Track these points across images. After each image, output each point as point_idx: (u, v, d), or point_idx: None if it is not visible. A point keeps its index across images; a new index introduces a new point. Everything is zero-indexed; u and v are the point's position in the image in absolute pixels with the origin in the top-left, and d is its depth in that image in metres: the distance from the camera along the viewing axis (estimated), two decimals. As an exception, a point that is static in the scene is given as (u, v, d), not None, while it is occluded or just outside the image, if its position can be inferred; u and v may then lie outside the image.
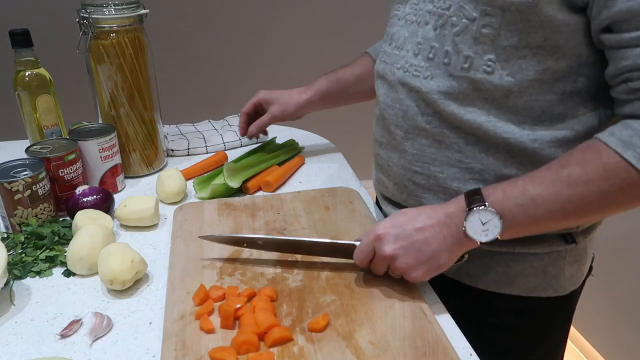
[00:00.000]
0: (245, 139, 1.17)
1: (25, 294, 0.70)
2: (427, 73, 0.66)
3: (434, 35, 0.65)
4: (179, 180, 0.92)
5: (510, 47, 0.60)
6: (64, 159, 0.85)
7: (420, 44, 0.67)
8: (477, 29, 0.61)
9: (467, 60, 0.63)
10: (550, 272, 0.72)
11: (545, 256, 0.71)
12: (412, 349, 0.57)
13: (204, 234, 0.79)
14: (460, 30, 0.62)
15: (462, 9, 0.61)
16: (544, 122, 0.64)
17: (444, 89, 0.65)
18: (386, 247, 0.62)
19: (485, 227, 0.59)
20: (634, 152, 0.54)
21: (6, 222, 0.81)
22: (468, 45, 0.62)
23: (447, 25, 0.63)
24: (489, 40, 0.61)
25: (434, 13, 0.65)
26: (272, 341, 0.57)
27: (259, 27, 2.22)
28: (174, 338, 0.59)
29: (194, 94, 2.24)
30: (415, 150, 0.71)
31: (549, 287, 0.73)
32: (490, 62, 0.62)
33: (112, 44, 0.92)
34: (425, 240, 0.61)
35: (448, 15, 0.63)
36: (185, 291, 0.66)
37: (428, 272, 0.62)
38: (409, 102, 0.69)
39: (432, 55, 0.66)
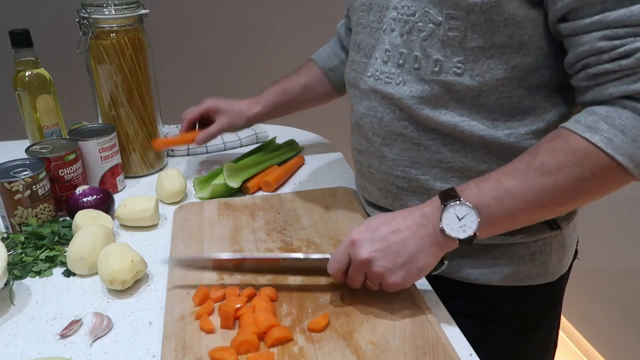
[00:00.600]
0: (245, 139, 1.17)
1: (25, 294, 0.70)
2: (399, 79, 0.67)
3: (402, 41, 0.66)
4: (179, 180, 0.92)
5: (477, 48, 0.61)
6: (64, 159, 0.85)
7: (389, 51, 0.67)
8: (444, 33, 0.61)
9: (437, 64, 0.63)
10: (538, 259, 0.73)
11: (532, 244, 0.72)
12: (412, 349, 0.57)
13: (204, 234, 0.79)
14: (427, 35, 0.63)
15: (427, 14, 0.62)
16: (515, 116, 0.65)
17: (417, 93, 0.66)
18: (361, 251, 0.60)
19: (462, 222, 0.58)
20: (601, 136, 0.54)
21: (6, 222, 0.81)
22: (436, 49, 0.63)
23: (413, 30, 0.64)
24: (456, 43, 0.61)
25: (399, 20, 0.65)
26: (272, 341, 0.57)
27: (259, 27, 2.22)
28: (174, 338, 0.59)
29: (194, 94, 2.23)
30: (394, 155, 0.71)
31: (538, 275, 0.74)
32: (459, 64, 0.62)
33: (112, 44, 0.92)
34: (403, 242, 0.59)
35: (414, 20, 0.63)
36: (185, 291, 0.66)
37: (407, 276, 0.60)
38: (383, 109, 0.70)
39: (402, 62, 0.66)
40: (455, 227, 0.58)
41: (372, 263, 0.60)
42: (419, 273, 0.61)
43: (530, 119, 0.65)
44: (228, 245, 0.76)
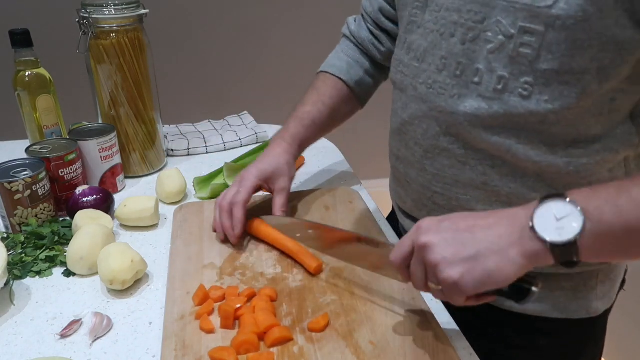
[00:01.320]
0: (245, 139, 1.17)
1: (25, 294, 0.70)
2: (454, 92, 0.60)
3: (462, 49, 0.59)
4: (179, 180, 0.92)
5: (551, 72, 0.53)
6: (64, 159, 0.85)
7: (445, 59, 0.61)
8: (514, 48, 0.54)
9: (501, 82, 0.56)
10: (581, 291, 0.67)
11: (576, 276, 0.66)
12: (412, 349, 0.57)
13: (204, 234, 0.79)
14: (495, 48, 0.55)
15: (498, 23, 0.54)
16: (579, 144, 0.58)
17: (472, 110, 0.58)
18: (423, 236, 0.51)
19: (561, 223, 0.45)
20: None
21: (6, 222, 0.80)
22: (503, 65, 0.55)
23: (479, 40, 0.57)
24: (526, 61, 0.54)
25: (462, 25, 0.58)
26: (272, 341, 0.57)
27: (259, 27, 2.22)
28: (174, 338, 0.59)
29: (194, 94, 2.24)
30: (435, 170, 0.66)
31: (579, 309, 0.68)
32: (526, 85, 0.55)
33: (112, 44, 0.92)
34: (474, 235, 0.49)
35: (481, 29, 0.56)
36: (185, 291, 0.66)
37: (467, 274, 0.48)
38: (430, 121, 0.64)
39: (459, 73, 0.59)
40: (550, 227, 0.45)
41: (431, 249, 0.50)
42: (486, 277, 0.48)
43: (595, 147, 0.58)
44: (228, 245, 0.76)
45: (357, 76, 0.85)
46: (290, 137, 0.82)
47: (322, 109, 0.84)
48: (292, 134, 0.83)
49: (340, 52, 0.88)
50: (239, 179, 0.78)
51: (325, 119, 0.84)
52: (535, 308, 0.68)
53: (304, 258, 0.70)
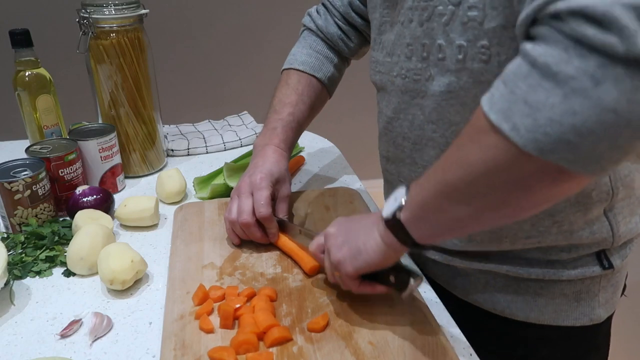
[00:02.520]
0: (245, 139, 1.17)
1: (25, 294, 0.70)
2: (427, 74, 0.60)
3: (422, 31, 0.59)
4: (179, 180, 0.92)
5: (500, 28, 0.53)
6: (64, 159, 0.85)
7: (411, 45, 0.61)
8: (464, 13, 0.54)
9: (461, 51, 0.56)
10: (583, 298, 0.66)
11: (579, 282, 0.65)
12: (411, 349, 0.57)
13: (204, 234, 0.79)
14: (448, 19, 0.56)
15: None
16: None
17: (444, 87, 0.59)
18: (329, 228, 0.62)
19: (394, 203, 0.53)
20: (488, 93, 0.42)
21: (6, 222, 0.81)
22: (459, 34, 0.55)
23: (434, 16, 0.57)
24: (477, 24, 0.54)
25: (416, 8, 0.59)
26: (271, 341, 0.57)
27: (259, 27, 2.22)
28: (174, 338, 0.59)
29: (194, 94, 2.24)
30: (424, 162, 0.66)
31: (582, 316, 0.67)
32: (483, 49, 0.54)
33: (112, 44, 0.92)
34: (359, 223, 0.60)
35: (432, 5, 0.57)
36: (185, 291, 0.67)
37: (347, 252, 0.58)
38: (414, 110, 0.64)
39: (425, 54, 0.59)
40: (388, 208, 0.54)
41: (328, 237, 0.61)
42: (357, 253, 0.57)
43: None
44: (228, 245, 0.76)
45: (328, 72, 0.86)
46: (283, 143, 0.81)
47: (303, 108, 0.84)
48: (283, 139, 0.81)
49: (308, 48, 0.87)
50: (248, 190, 0.74)
51: (305, 118, 0.85)
52: (537, 316, 0.67)
53: (302, 257, 0.70)
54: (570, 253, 0.64)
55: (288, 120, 0.82)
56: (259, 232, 0.73)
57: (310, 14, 0.90)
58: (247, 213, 0.72)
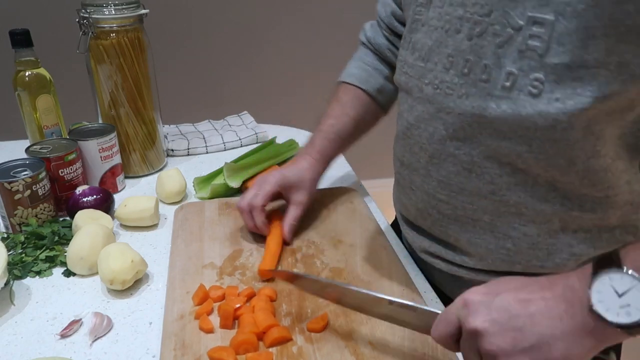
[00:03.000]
0: (245, 139, 1.17)
1: (25, 294, 0.70)
2: (462, 91, 0.56)
3: (469, 45, 0.55)
4: (179, 180, 0.92)
5: (562, 66, 0.48)
6: (64, 159, 0.85)
7: (452, 57, 0.57)
8: (523, 41, 0.50)
9: (510, 78, 0.52)
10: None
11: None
12: (411, 349, 0.57)
13: (204, 234, 0.79)
14: (503, 42, 0.52)
15: (506, 15, 0.51)
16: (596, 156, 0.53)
17: (479, 111, 0.55)
18: (472, 318, 0.45)
19: (624, 299, 0.40)
20: None
21: (6, 222, 0.81)
22: (512, 60, 0.51)
23: (486, 34, 0.53)
24: (536, 55, 0.50)
25: (468, 19, 0.55)
26: (271, 341, 0.57)
27: (259, 27, 2.22)
28: (173, 338, 0.59)
29: (194, 94, 2.24)
30: (440, 176, 0.63)
31: None
32: (537, 82, 0.50)
33: (112, 44, 0.92)
34: (531, 317, 0.43)
35: (488, 22, 0.53)
36: (185, 290, 0.67)
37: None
38: (437, 123, 0.60)
39: (467, 70, 0.56)
40: (613, 306, 0.41)
41: (484, 337, 0.44)
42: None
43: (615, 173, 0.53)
44: (228, 245, 0.76)
45: (377, 84, 0.84)
46: (317, 153, 0.81)
47: (346, 120, 0.82)
48: (318, 149, 0.81)
49: (358, 61, 0.86)
50: (260, 182, 0.78)
51: (349, 130, 0.83)
52: None
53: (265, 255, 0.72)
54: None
55: (327, 132, 0.82)
56: (251, 221, 0.76)
57: (364, 27, 0.88)
58: (245, 201, 0.76)
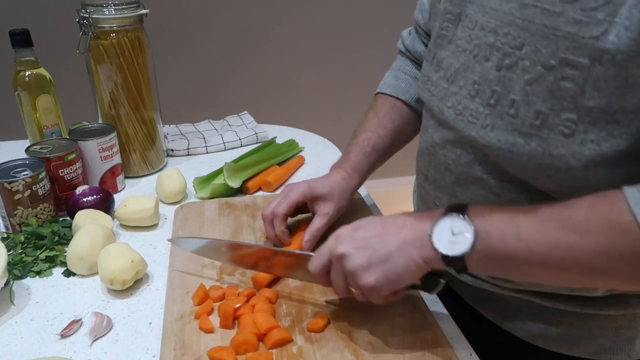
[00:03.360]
0: (245, 139, 1.17)
1: (25, 294, 0.70)
2: (487, 122, 0.53)
3: (497, 76, 0.52)
4: (179, 180, 0.92)
5: (598, 110, 0.45)
6: (64, 159, 0.85)
7: (478, 84, 0.54)
8: (555, 81, 0.47)
9: (539, 117, 0.49)
10: (623, 334, 0.62)
11: (619, 317, 0.61)
12: (411, 350, 0.57)
13: (204, 233, 0.79)
14: (532, 79, 0.49)
15: (537, 52, 0.48)
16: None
17: (507, 146, 0.52)
18: (339, 246, 0.54)
19: (455, 238, 0.49)
20: None
21: (6, 222, 0.81)
22: (542, 99, 0.48)
23: (516, 68, 0.50)
24: (569, 97, 0.47)
25: (499, 49, 0.52)
26: (272, 343, 0.57)
27: (259, 26, 2.22)
28: (173, 337, 0.59)
29: (194, 94, 2.24)
30: (468, 198, 0.60)
31: (620, 351, 0.63)
32: (569, 122, 0.47)
33: (112, 44, 0.92)
34: (383, 239, 0.53)
35: (519, 56, 0.49)
36: (185, 290, 0.67)
37: (382, 277, 0.52)
38: (463, 148, 0.58)
39: (493, 102, 0.53)
40: (444, 241, 0.50)
41: (347, 258, 0.54)
42: (396, 277, 0.52)
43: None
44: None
45: (416, 94, 0.79)
46: (351, 168, 0.78)
47: (383, 133, 0.79)
48: (352, 163, 0.78)
49: (397, 70, 0.83)
50: (286, 191, 0.75)
51: (387, 143, 0.79)
52: (570, 347, 0.63)
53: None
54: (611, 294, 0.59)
55: (362, 145, 0.79)
56: (272, 231, 0.74)
57: (402, 35, 0.84)
58: (268, 209, 0.74)
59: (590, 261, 0.45)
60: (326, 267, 0.57)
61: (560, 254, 0.46)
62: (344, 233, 0.56)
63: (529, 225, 0.48)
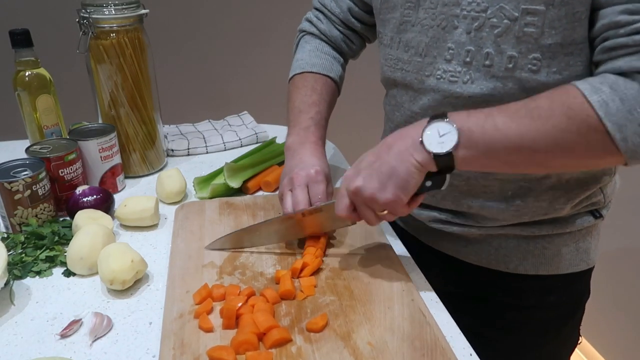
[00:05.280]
0: (245, 139, 1.17)
1: (25, 294, 0.70)
2: (466, 77, 0.65)
3: (468, 38, 0.64)
4: (179, 180, 0.92)
5: (555, 45, 0.59)
6: (64, 159, 0.85)
7: (452, 49, 0.65)
8: (520, 29, 0.59)
9: (512, 60, 0.61)
10: (581, 247, 0.76)
11: (577, 233, 0.75)
12: (410, 350, 0.57)
13: (205, 233, 0.79)
14: (502, 32, 0.61)
15: (502, 9, 0.60)
16: None
17: (488, 90, 0.64)
18: (351, 183, 0.63)
19: (442, 139, 0.58)
20: (599, 97, 0.53)
21: (6, 222, 0.81)
22: (511, 45, 0.61)
23: (484, 27, 0.62)
24: (532, 39, 0.59)
25: (465, 16, 0.63)
26: (271, 342, 0.57)
27: (259, 26, 2.22)
28: (172, 337, 0.59)
29: (194, 94, 2.24)
30: None
31: (581, 262, 0.77)
32: (535, 60, 0.60)
33: (112, 44, 0.92)
34: (382, 160, 0.61)
35: (485, 17, 0.61)
36: (184, 290, 0.67)
37: (396, 189, 0.60)
38: (446, 107, 0.68)
39: (468, 59, 0.64)
40: (434, 142, 0.58)
41: (362, 189, 0.62)
42: (405, 184, 0.60)
43: None
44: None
45: (338, 72, 0.91)
46: (320, 141, 0.83)
47: (325, 107, 0.87)
48: (319, 137, 0.83)
49: (316, 51, 0.91)
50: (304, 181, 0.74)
51: (327, 116, 0.89)
52: (546, 268, 0.76)
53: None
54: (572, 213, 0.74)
55: (318, 119, 0.84)
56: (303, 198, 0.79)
57: (309, 19, 0.95)
58: (304, 204, 0.72)
59: (555, 138, 0.55)
60: (350, 206, 0.65)
61: (531, 136, 0.56)
62: (350, 172, 0.64)
63: (503, 118, 0.57)
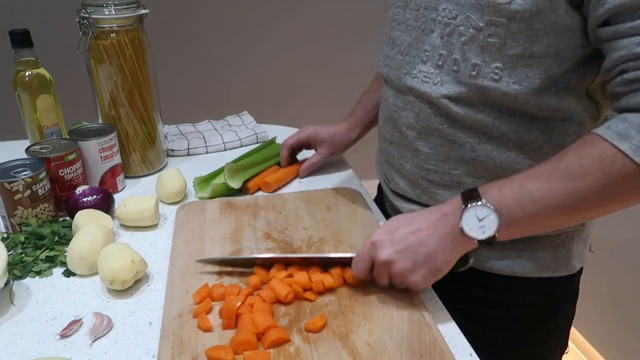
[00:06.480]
0: (245, 139, 1.17)
1: (25, 294, 0.70)
2: (437, 79, 0.68)
3: (441, 43, 0.66)
4: (179, 180, 0.92)
5: (516, 56, 0.61)
6: (64, 159, 0.85)
7: (428, 51, 0.68)
8: (484, 38, 0.62)
9: (475, 68, 0.64)
10: (560, 252, 0.75)
11: (555, 238, 0.74)
12: (409, 351, 0.57)
13: (205, 233, 0.79)
14: (467, 39, 0.63)
15: (468, 19, 0.62)
16: (550, 119, 0.66)
17: (454, 94, 0.66)
18: (381, 253, 0.62)
19: (482, 223, 0.59)
20: (631, 143, 0.53)
21: (6, 222, 0.81)
22: (475, 54, 0.63)
23: (454, 34, 0.64)
24: (495, 49, 0.62)
25: (440, 22, 0.65)
26: (269, 342, 0.57)
27: (259, 27, 2.23)
28: (171, 336, 0.59)
29: (194, 94, 2.24)
30: (428, 149, 0.72)
31: (560, 267, 0.76)
32: (497, 69, 0.63)
33: (112, 44, 0.92)
34: (421, 242, 0.61)
35: (455, 24, 0.64)
36: (184, 289, 0.67)
37: (428, 275, 0.62)
38: (421, 104, 0.71)
39: (441, 63, 0.67)
40: (475, 228, 0.59)
41: (392, 264, 0.62)
42: (438, 272, 0.62)
43: (566, 122, 0.66)
44: (229, 245, 0.77)
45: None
46: (355, 121, 1.00)
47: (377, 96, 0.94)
48: (357, 117, 0.99)
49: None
50: (299, 130, 1.01)
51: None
52: (522, 269, 0.75)
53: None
54: None
55: (365, 103, 0.99)
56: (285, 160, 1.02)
57: None
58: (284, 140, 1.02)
59: (596, 195, 0.56)
60: (369, 271, 0.65)
61: (572, 200, 0.57)
62: (381, 238, 0.63)
63: (536, 185, 0.58)
